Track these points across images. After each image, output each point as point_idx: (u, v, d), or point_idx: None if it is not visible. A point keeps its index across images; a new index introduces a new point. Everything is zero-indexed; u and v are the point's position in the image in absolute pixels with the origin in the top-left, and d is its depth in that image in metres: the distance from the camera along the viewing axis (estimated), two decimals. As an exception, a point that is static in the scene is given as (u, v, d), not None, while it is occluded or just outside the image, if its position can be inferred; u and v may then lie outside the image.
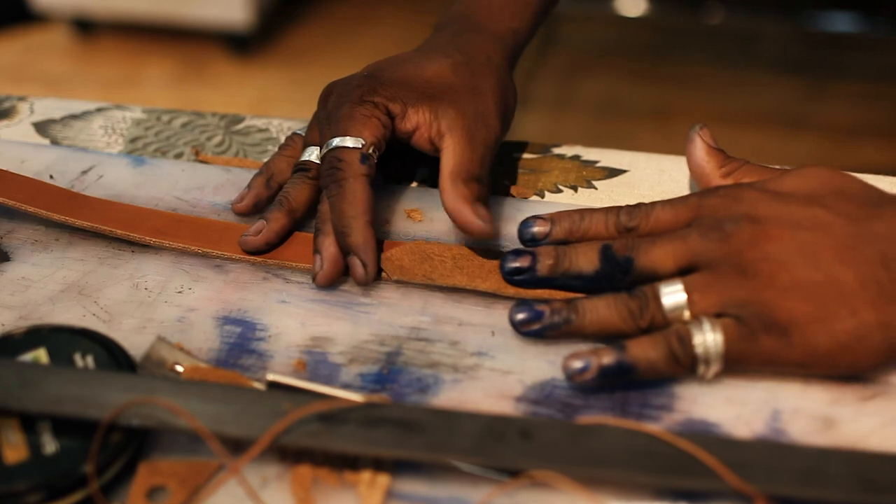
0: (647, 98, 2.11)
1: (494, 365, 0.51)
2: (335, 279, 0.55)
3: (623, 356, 0.48)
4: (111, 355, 0.48)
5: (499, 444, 0.44)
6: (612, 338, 0.50)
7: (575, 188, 0.63)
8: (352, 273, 0.55)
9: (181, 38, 2.46)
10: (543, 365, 0.51)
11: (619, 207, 0.54)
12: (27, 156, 0.65)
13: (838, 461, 0.44)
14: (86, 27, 2.52)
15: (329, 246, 0.55)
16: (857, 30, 2.33)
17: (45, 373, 0.46)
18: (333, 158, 0.55)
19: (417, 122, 0.57)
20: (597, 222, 0.54)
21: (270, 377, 0.47)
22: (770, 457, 0.44)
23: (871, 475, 0.43)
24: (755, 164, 0.56)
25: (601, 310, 0.50)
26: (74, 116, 0.70)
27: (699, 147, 0.57)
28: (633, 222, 0.53)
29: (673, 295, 0.49)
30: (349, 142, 0.55)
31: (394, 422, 0.45)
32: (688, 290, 0.49)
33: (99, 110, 0.71)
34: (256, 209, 0.59)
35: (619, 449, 0.44)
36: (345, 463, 0.45)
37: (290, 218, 0.58)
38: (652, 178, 0.64)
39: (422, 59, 0.60)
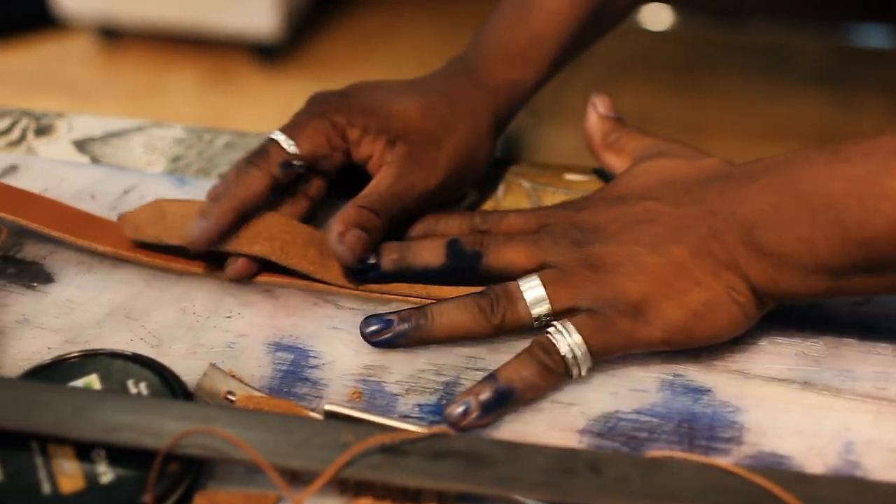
0: (678, 112, 2.09)
1: (556, 397, 0.49)
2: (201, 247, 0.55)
3: (498, 384, 0.48)
4: (165, 382, 0.47)
5: (568, 479, 0.43)
6: (466, 340, 0.52)
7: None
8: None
9: (207, 47, 2.45)
10: (605, 397, 0.49)
11: (473, 213, 0.57)
12: (67, 174, 0.64)
13: (920, 501, 0.42)
14: (111, 35, 2.52)
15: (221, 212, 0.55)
16: (892, 44, 2.31)
17: (100, 400, 0.45)
18: (262, 147, 0.57)
19: (371, 151, 0.58)
20: (451, 225, 0.57)
21: (328, 407, 0.46)
22: (848, 494, 0.43)
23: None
24: (635, 137, 0.59)
25: (451, 312, 0.51)
26: (114, 134, 0.69)
27: (591, 117, 0.61)
28: (485, 225, 0.56)
29: (532, 290, 0.51)
30: (284, 143, 0.56)
31: (459, 454, 0.43)
32: (544, 284, 0.51)
33: (139, 129, 0.70)
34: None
35: (690, 484, 0.43)
36: (406, 496, 0.44)
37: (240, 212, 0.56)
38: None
39: (398, 93, 0.60)
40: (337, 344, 0.52)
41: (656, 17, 2.36)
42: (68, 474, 0.43)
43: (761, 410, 0.48)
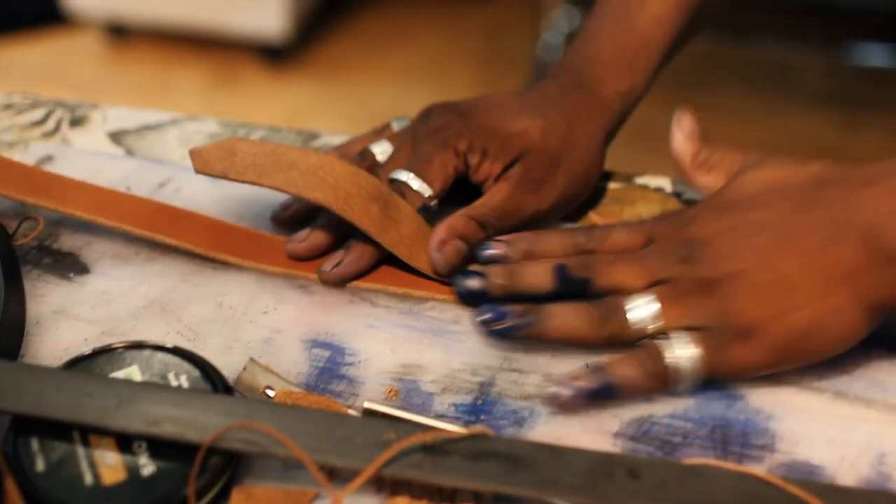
0: (683, 126, 2.10)
1: (590, 399, 0.50)
2: (304, 258, 0.57)
3: (604, 376, 0.49)
4: (206, 376, 0.47)
5: (607, 483, 0.43)
6: (573, 345, 0.51)
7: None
8: (324, 262, 0.56)
9: (214, 47, 2.46)
10: (639, 400, 0.50)
11: (577, 229, 0.56)
12: (102, 166, 0.65)
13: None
14: (119, 32, 2.52)
15: (321, 233, 0.57)
16: (893, 64, 2.32)
17: (143, 392, 0.45)
18: (400, 194, 0.56)
19: (488, 174, 0.58)
20: (554, 244, 0.55)
21: (367, 405, 0.46)
22: (882, 506, 0.43)
23: None
24: (727, 152, 0.58)
25: (566, 315, 0.51)
26: (149, 127, 0.70)
27: (677, 137, 0.58)
28: (590, 244, 0.54)
29: (645, 305, 0.50)
30: (417, 184, 0.56)
31: (499, 456, 0.44)
32: (658, 301, 0.50)
33: (174, 122, 0.70)
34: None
35: (727, 492, 0.43)
36: (443, 496, 0.44)
37: (334, 228, 0.57)
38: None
39: (517, 112, 0.59)
40: (373, 342, 0.53)
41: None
42: (110, 465, 0.43)
43: (794, 418, 0.49)
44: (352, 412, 0.48)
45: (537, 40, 2.30)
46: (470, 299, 0.53)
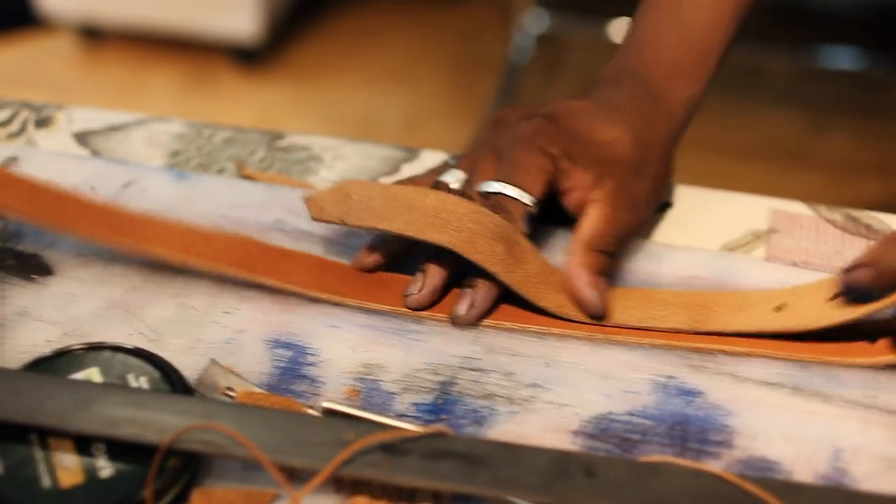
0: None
1: (550, 397, 0.50)
2: (427, 307, 0.54)
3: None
4: (165, 377, 0.47)
5: (564, 482, 0.43)
6: None
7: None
8: (456, 305, 0.54)
9: (188, 50, 2.45)
10: (598, 398, 0.50)
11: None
12: (67, 167, 0.65)
13: (907, 508, 0.43)
14: (92, 34, 2.50)
15: (437, 275, 0.54)
16: (861, 67, 2.34)
17: (103, 393, 0.45)
18: (498, 206, 0.54)
19: (576, 183, 0.56)
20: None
21: (327, 405, 0.47)
22: None
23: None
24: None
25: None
26: (114, 128, 0.70)
27: None
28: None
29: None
30: (516, 193, 0.54)
31: (458, 455, 0.44)
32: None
33: (139, 122, 0.70)
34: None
35: (684, 490, 0.43)
36: (402, 495, 0.45)
37: (447, 264, 0.55)
38: (696, 213, 0.64)
39: (604, 119, 0.58)
40: (335, 341, 0.53)
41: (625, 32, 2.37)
42: (68, 468, 0.43)
43: (752, 414, 0.49)
44: (313, 412, 0.48)
45: (509, 42, 2.30)
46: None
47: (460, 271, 0.55)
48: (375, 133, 2.19)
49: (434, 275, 0.54)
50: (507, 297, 0.54)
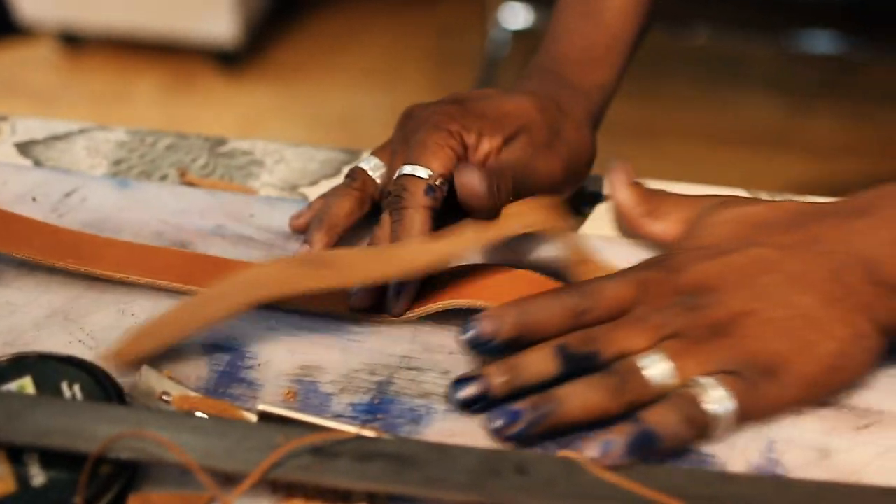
0: (632, 118, 2.11)
1: (487, 396, 0.50)
2: (369, 305, 0.54)
3: (641, 426, 0.46)
4: (99, 384, 0.47)
5: (495, 480, 0.43)
6: (598, 423, 0.47)
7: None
8: (387, 301, 0.54)
9: (169, 54, 2.44)
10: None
11: (562, 291, 0.51)
12: (9, 178, 0.64)
13: (836, 496, 0.44)
14: (73, 41, 2.50)
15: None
16: (840, 51, 2.35)
17: (32, 404, 0.45)
18: (399, 187, 0.54)
19: (489, 150, 0.56)
20: (548, 312, 0.50)
21: (261, 408, 0.47)
22: (769, 492, 0.44)
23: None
24: (671, 196, 0.58)
25: (582, 394, 0.47)
26: (57, 137, 0.70)
27: (618, 189, 0.59)
28: (582, 305, 0.50)
29: (658, 364, 0.47)
30: (418, 171, 0.54)
31: (388, 456, 0.44)
32: (670, 358, 0.48)
33: (82, 131, 0.70)
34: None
35: (613, 484, 0.44)
36: (337, 496, 0.45)
37: (332, 235, 0.57)
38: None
39: (504, 95, 0.59)
40: (273, 344, 0.53)
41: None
42: None
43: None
44: (249, 415, 0.48)
45: (486, 38, 2.31)
46: (469, 407, 0.49)
47: None
48: (357, 132, 2.19)
49: (316, 242, 0.56)
50: (432, 285, 0.55)
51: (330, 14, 2.66)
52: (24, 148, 0.68)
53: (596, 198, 0.64)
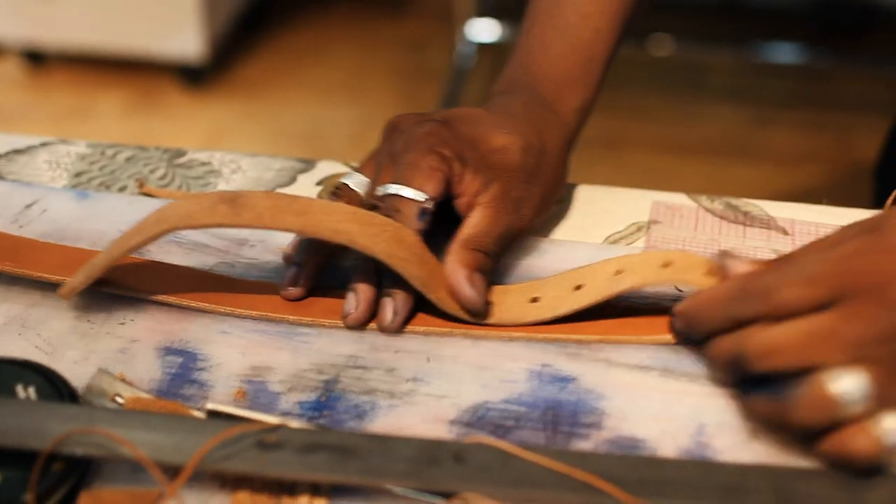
0: (597, 129, 2.14)
1: (430, 390, 0.52)
2: (366, 322, 0.56)
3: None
4: (53, 386, 0.49)
5: (433, 468, 0.45)
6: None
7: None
8: (379, 316, 0.55)
9: (134, 71, 2.45)
10: (476, 388, 0.52)
11: (729, 289, 0.50)
12: (-29, 191, 0.66)
13: (757, 476, 0.46)
14: (37, 59, 2.51)
15: (367, 289, 0.56)
16: (801, 61, 2.39)
17: (-14, 405, 0.47)
18: (391, 207, 0.55)
19: (466, 188, 0.57)
20: (712, 318, 0.50)
21: (210, 406, 0.48)
22: (694, 474, 0.46)
23: (789, 489, 0.45)
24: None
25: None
26: (18, 151, 0.71)
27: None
28: (751, 310, 0.48)
29: (858, 385, 0.45)
30: (410, 193, 0.55)
31: (330, 447, 0.46)
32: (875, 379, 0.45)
33: (43, 145, 0.72)
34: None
35: (548, 470, 0.46)
36: (283, 489, 0.46)
37: (324, 255, 0.58)
38: (583, 209, 0.66)
39: (496, 126, 0.59)
40: (225, 347, 0.55)
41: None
42: (-47, 475, 0.45)
43: (623, 397, 0.51)
44: (199, 414, 0.49)
45: (452, 52, 2.33)
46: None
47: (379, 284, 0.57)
48: (323, 146, 2.21)
49: (365, 290, 0.56)
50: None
51: (296, 29, 2.68)
52: (-16, 162, 0.70)
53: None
